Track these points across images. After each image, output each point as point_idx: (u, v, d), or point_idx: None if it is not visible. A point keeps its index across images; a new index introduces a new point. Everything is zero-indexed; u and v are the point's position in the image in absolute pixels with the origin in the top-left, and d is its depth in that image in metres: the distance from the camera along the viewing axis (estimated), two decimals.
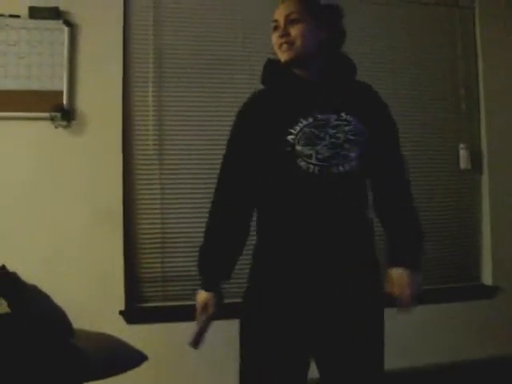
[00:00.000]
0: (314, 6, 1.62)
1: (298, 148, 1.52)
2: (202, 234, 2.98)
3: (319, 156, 1.51)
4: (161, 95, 3.03)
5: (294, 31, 1.55)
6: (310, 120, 1.54)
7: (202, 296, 1.66)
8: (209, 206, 3.02)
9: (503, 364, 3.18)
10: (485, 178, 3.46)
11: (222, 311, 1.68)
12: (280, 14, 1.59)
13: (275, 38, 1.60)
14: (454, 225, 3.40)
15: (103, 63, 2.90)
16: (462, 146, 3.40)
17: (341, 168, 1.52)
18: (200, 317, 1.65)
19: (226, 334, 2.86)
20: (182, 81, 3.06)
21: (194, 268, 2.95)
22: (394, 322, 1.69)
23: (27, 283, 1.53)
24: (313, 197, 1.53)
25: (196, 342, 1.63)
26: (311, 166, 1.51)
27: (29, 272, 1.62)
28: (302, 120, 1.53)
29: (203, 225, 2.98)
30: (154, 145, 3.00)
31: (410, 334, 2.94)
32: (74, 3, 2.87)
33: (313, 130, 1.53)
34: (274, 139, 1.55)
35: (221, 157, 3.04)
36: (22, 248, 2.66)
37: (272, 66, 1.69)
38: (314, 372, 1.62)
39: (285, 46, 1.57)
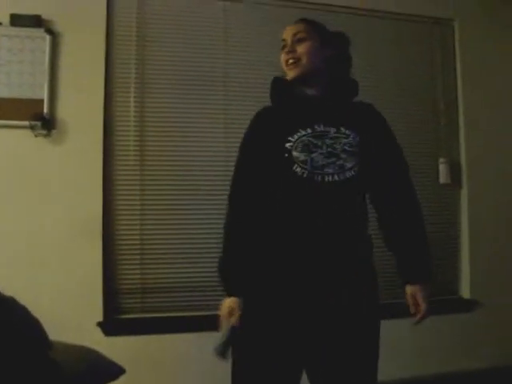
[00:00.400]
0: (320, 27, 1.74)
1: (295, 154, 1.58)
2: (181, 246, 3.00)
3: (314, 163, 1.56)
4: (143, 105, 3.01)
5: (301, 49, 1.66)
6: (309, 131, 1.61)
7: (227, 302, 1.65)
8: (188, 218, 3.04)
9: (482, 377, 3.21)
10: (464, 193, 3.50)
11: None
12: (288, 34, 1.70)
13: (283, 55, 1.69)
14: (432, 239, 3.40)
15: (85, 72, 2.88)
16: (441, 160, 3.45)
17: (336, 177, 1.57)
18: (226, 323, 1.63)
19: (208, 346, 2.86)
20: (164, 90, 3.06)
21: (173, 280, 2.97)
22: None
23: (4, 294, 1.50)
24: (308, 203, 1.57)
25: (223, 351, 1.58)
26: (305, 172, 1.56)
27: (6, 282, 1.60)
28: (300, 130, 1.60)
29: (183, 237, 3.01)
30: (134, 155, 2.98)
31: (388, 347, 2.94)
32: (57, 12, 2.85)
33: (311, 139, 1.60)
34: (274, 147, 1.61)
35: (202, 168, 3.07)
36: None
37: (278, 83, 1.77)
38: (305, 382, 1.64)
39: (291, 61, 1.66)
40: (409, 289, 1.65)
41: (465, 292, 3.47)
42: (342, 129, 1.63)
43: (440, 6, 3.54)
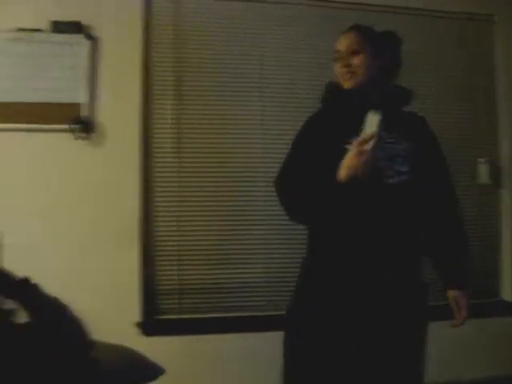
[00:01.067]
0: (373, 36, 1.78)
1: None
2: (218, 247, 3.02)
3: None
4: (180, 108, 3.04)
5: (355, 61, 1.72)
6: None
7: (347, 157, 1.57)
8: (226, 219, 3.05)
9: None
10: (504, 193, 3.42)
11: None
12: (342, 46, 1.76)
13: (338, 67, 1.77)
14: (473, 240, 3.34)
15: (123, 76, 2.93)
16: (480, 160, 3.38)
17: (391, 180, 1.61)
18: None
19: (245, 347, 2.87)
20: (202, 94, 3.07)
21: (210, 281, 2.98)
22: None
23: (49, 295, 1.54)
24: (366, 204, 1.60)
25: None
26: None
27: (49, 284, 1.63)
28: (359, 133, 1.62)
29: (220, 238, 3.02)
30: (172, 157, 3.01)
31: (429, 350, 2.90)
32: (96, 17, 2.91)
33: None
34: (333, 147, 1.64)
35: (240, 168, 3.07)
36: (42, 260, 2.67)
37: (334, 88, 1.82)
38: None
39: (347, 75, 1.73)
40: (451, 293, 1.77)
41: (506, 294, 3.39)
42: (396, 135, 1.68)
43: (478, 1, 3.46)
